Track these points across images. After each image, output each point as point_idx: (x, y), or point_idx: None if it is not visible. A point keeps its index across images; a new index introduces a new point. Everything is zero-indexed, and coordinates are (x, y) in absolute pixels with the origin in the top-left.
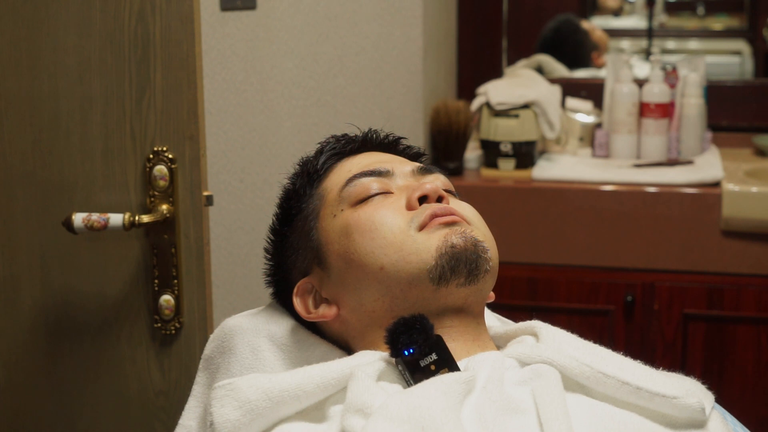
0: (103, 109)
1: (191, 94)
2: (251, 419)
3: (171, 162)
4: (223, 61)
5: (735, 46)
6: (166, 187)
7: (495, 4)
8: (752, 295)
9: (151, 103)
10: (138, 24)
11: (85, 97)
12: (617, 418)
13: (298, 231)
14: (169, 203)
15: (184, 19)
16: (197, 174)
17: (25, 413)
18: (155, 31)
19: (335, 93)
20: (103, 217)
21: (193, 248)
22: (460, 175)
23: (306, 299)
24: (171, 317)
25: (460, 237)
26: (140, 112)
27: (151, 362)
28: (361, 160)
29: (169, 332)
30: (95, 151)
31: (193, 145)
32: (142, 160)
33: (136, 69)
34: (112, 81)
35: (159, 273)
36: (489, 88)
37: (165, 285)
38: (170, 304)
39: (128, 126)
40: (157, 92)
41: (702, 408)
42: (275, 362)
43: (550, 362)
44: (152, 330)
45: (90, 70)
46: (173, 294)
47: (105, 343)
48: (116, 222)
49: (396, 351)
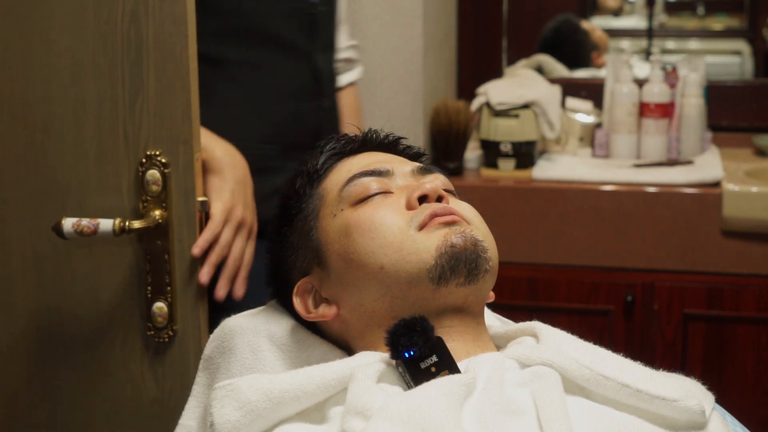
0: (97, 112)
1: (185, 96)
2: (251, 420)
3: (164, 167)
4: None
5: (735, 46)
6: (159, 192)
7: (495, 4)
8: (752, 295)
9: (145, 106)
10: (131, 25)
11: (78, 99)
12: (617, 420)
13: (298, 231)
14: (162, 208)
15: (178, 20)
16: (191, 179)
17: (17, 419)
18: (148, 33)
19: None
20: (93, 222)
21: (186, 255)
22: (460, 175)
23: (306, 299)
24: (164, 325)
25: (460, 237)
26: (133, 115)
27: (145, 370)
28: (361, 160)
29: (163, 340)
30: (88, 155)
31: (186, 149)
32: (135, 164)
33: (129, 71)
34: (105, 83)
35: (152, 279)
36: (489, 88)
37: (158, 292)
38: (163, 311)
39: (121, 129)
40: (150, 95)
41: (702, 410)
42: (275, 362)
43: (551, 364)
44: (146, 337)
45: (83, 72)
46: (166, 301)
47: (98, 349)
48: (106, 227)
49: (396, 353)
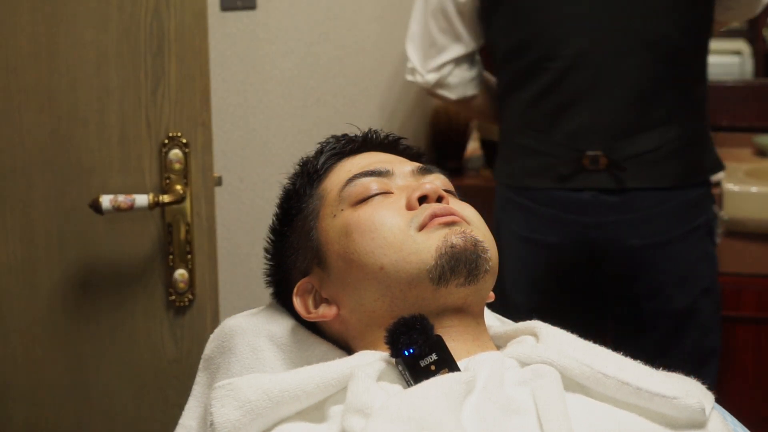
0: (120, 99)
1: (203, 83)
2: (251, 419)
3: (185, 146)
4: (223, 61)
5: (735, 46)
6: (182, 169)
7: None
8: (752, 295)
9: (166, 93)
10: (153, 20)
11: (103, 88)
12: (617, 418)
13: (298, 231)
14: (183, 184)
15: (197, 14)
16: (209, 157)
17: (43, 387)
18: (170, 26)
19: (335, 93)
20: (129, 198)
21: (204, 226)
22: (460, 175)
23: (306, 299)
24: (185, 290)
25: (460, 237)
26: (155, 101)
27: (165, 334)
28: (361, 160)
29: (183, 304)
30: (112, 139)
31: (205, 130)
32: (158, 146)
33: (151, 61)
34: (129, 73)
35: (174, 250)
36: None
37: (180, 260)
38: (185, 277)
39: (144, 114)
40: (172, 82)
41: (702, 408)
42: (275, 362)
43: (550, 363)
44: (167, 303)
45: (107, 63)
46: (187, 268)
47: (120, 319)
48: (142, 202)
49: (396, 351)
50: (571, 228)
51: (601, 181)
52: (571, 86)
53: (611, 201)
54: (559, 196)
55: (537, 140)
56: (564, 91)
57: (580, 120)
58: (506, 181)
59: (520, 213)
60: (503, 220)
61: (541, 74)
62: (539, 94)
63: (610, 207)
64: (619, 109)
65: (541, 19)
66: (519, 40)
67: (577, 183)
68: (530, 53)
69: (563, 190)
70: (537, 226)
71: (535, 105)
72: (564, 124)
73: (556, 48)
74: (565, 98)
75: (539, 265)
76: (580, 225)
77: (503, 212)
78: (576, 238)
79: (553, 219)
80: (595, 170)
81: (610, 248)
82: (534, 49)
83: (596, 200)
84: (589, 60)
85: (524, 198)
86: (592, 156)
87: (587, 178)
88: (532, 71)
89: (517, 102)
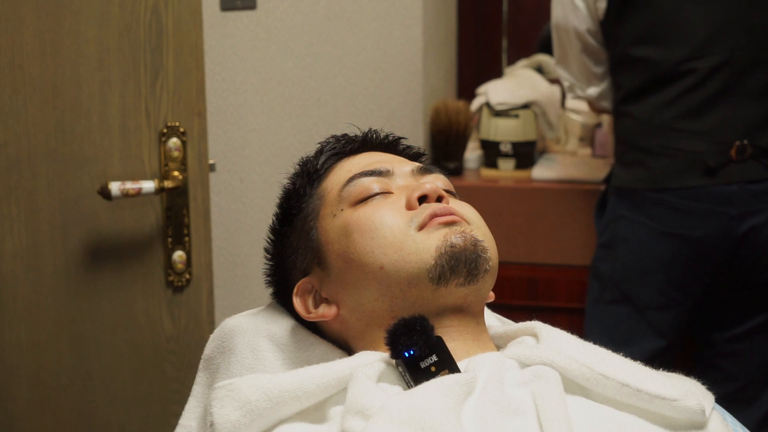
0: (121, 92)
1: (199, 76)
2: (251, 420)
3: (183, 135)
4: (223, 61)
5: None
6: (180, 156)
7: (495, 4)
8: None
9: (164, 85)
10: (152, 16)
11: (104, 81)
12: (617, 420)
13: (298, 231)
14: (181, 171)
15: (193, 11)
16: (204, 145)
17: (46, 368)
18: (168, 23)
19: (335, 93)
20: (136, 184)
21: (200, 209)
22: (460, 175)
23: (306, 299)
24: (183, 270)
25: (460, 237)
26: (154, 93)
27: (164, 312)
28: (361, 160)
29: (181, 284)
30: (113, 129)
31: (200, 120)
32: (157, 135)
33: (150, 56)
34: (129, 66)
35: (172, 232)
36: (489, 88)
37: (178, 242)
38: (183, 258)
39: (143, 105)
40: (170, 75)
41: (702, 410)
42: (275, 362)
43: (551, 364)
44: (165, 283)
45: (109, 58)
46: (185, 250)
47: (121, 301)
48: (149, 188)
49: (396, 352)
50: (718, 220)
51: (748, 171)
52: (715, 84)
53: (758, 189)
54: (707, 191)
55: (678, 139)
56: (709, 89)
57: (723, 114)
58: (639, 185)
59: (662, 210)
60: (623, 222)
61: (685, 76)
62: (678, 95)
63: (757, 196)
64: (760, 100)
65: (685, 25)
66: (656, 47)
67: (725, 176)
68: (672, 58)
69: (711, 185)
70: (681, 221)
71: (672, 106)
72: (709, 120)
73: (703, 50)
74: (709, 96)
75: (679, 258)
76: (728, 217)
77: (632, 212)
78: (723, 231)
79: (700, 213)
80: (742, 160)
81: (755, 236)
82: (677, 53)
83: (743, 191)
84: (736, 57)
85: (667, 195)
86: (739, 146)
87: (734, 170)
88: (672, 74)
89: (646, 105)
